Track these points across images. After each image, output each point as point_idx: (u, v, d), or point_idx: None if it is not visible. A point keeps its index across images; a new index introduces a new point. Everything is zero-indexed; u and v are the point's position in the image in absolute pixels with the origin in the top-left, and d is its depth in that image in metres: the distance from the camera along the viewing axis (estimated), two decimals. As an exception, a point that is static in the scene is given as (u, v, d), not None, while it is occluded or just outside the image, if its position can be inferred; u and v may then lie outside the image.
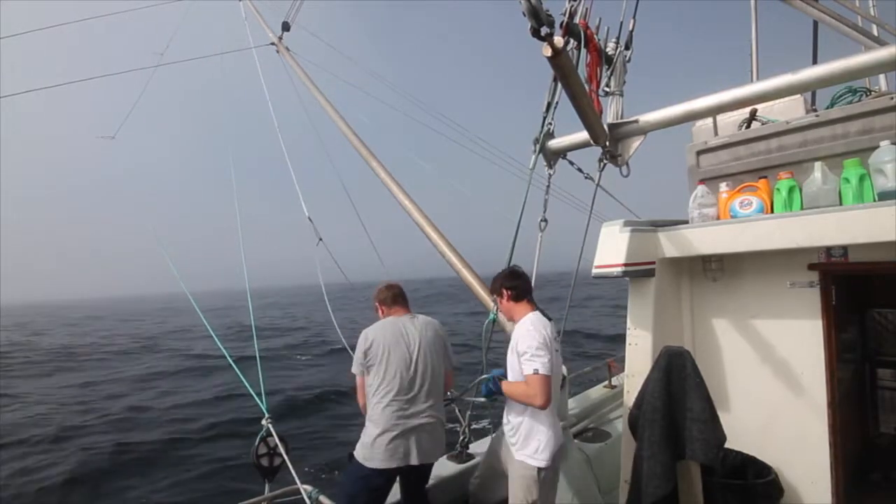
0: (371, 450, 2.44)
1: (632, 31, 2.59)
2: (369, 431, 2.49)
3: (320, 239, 4.28)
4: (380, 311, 2.82)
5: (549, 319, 2.40)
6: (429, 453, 2.54)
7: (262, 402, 2.65)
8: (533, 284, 2.61)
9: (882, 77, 3.54)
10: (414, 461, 2.46)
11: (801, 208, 2.11)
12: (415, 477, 2.62)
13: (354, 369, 2.61)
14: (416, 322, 2.70)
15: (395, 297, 2.80)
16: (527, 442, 2.29)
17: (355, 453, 2.52)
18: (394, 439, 2.43)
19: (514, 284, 2.50)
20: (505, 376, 2.42)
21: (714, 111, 2.39)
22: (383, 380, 2.51)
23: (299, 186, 4.52)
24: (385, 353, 2.53)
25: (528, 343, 2.22)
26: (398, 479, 2.60)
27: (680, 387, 1.86)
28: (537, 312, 2.41)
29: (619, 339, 2.78)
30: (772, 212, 2.21)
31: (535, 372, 2.16)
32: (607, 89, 2.52)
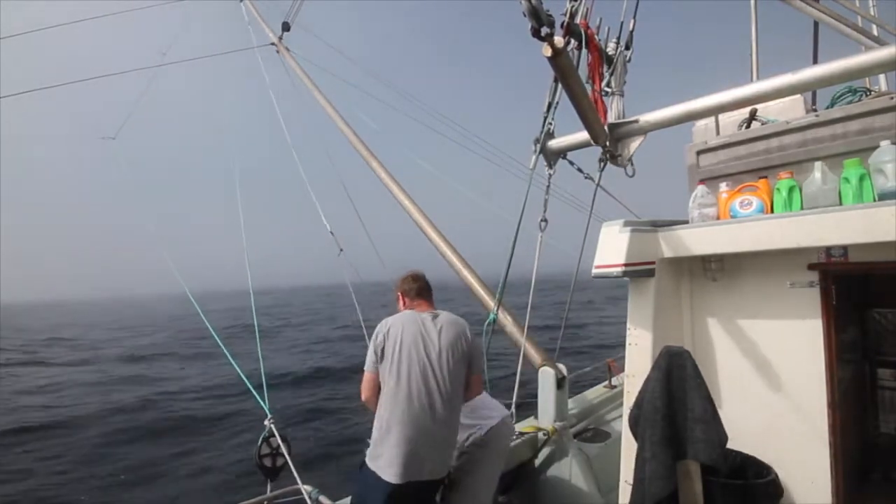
0: (377, 458, 2.24)
1: (632, 31, 2.59)
2: (379, 438, 2.27)
3: (341, 250, 4.58)
4: (401, 302, 2.64)
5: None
6: (436, 469, 2.31)
7: (264, 402, 2.65)
8: (533, 284, 2.60)
9: (882, 77, 3.54)
10: (425, 476, 2.25)
11: (801, 208, 2.11)
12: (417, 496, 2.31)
13: (367, 366, 2.39)
14: (437, 321, 2.45)
15: (420, 290, 2.61)
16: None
17: (366, 460, 2.31)
18: (403, 451, 2.20)
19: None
20: None
21: (714, 111, 2.39)
22: (398, 382, 2.28)
23: (319, 204, 4.80)
24: (401, 352, 2.31)
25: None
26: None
27: (680, 387, 1.86)
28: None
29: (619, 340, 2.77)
30: (772, 212, 2.20)
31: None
32: (608, 89, 2.52)
